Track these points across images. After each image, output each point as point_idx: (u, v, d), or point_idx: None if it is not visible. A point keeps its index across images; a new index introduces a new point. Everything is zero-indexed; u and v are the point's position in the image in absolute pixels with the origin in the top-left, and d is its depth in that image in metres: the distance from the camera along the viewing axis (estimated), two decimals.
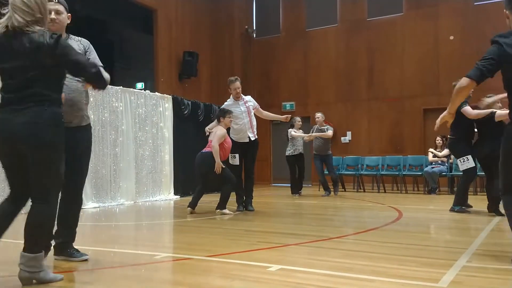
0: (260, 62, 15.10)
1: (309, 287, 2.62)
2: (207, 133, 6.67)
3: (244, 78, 14.81)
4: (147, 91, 9.46)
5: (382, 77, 13.13)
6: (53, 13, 3.13)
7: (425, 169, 10.32)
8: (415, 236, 4.46)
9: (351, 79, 13.51)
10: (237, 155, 6.70)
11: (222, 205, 6.38)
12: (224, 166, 6.32)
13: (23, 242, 2.66)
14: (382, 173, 11.12)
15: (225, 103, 6.95)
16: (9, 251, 4.05)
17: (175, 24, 12.60)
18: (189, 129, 10.16)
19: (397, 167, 11.17)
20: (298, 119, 10.20)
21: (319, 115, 10.12)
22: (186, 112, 10.19)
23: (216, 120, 6.66)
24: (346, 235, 4.42)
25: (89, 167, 3.98)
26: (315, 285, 2.67)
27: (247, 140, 6.80)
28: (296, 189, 9.95)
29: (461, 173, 6.36)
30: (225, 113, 6.48)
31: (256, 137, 6.99)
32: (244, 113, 6.83)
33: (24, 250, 2.64)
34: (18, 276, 2.66)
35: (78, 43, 3.35)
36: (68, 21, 3.30)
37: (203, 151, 6.49)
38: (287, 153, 9.90)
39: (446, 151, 10.21)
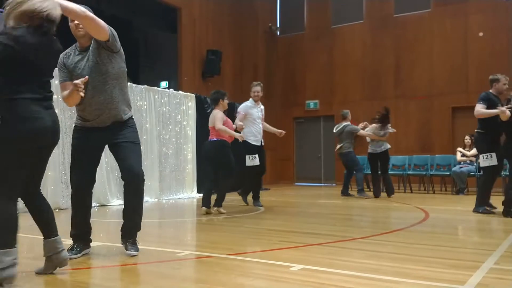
0: (284, 60, 15.05)
1: (332, 287, 2.58)
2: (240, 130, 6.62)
3: (268, 76, 14.81)
4: (170, 89, 9.54)
5: (410, 74, 12.91)
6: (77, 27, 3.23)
7: (453, 169, 10.09)
8: (442, 237, 4.36)
9: (378, 77, 13.33)
10: (257, 156, 6.83)
11: (219, 202, 6.33)
12: (231, 159, 6.30)
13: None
14: (408, 172, 10.93)
15: (245, 103, 7.08)
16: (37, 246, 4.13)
17: (198, 22, 12.67)
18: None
19: (424, 166, 10.96)
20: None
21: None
22: (209, 110, 10.20)
23: (213, 103, 6.51)
24: (371, 236, 4.35)
25: (114, 165, 4.16)
26: (338, 285, 2.62)
27: (259, 144, 6.96)
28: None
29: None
30: (224, 95, 6.43)
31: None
32: (259, 118, 7.03)
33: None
34: None
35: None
36: None
37: (211, 139, 6.33)
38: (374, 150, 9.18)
39: (475, 151, 9.96)
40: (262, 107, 7.25)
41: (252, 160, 6.77)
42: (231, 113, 10.71)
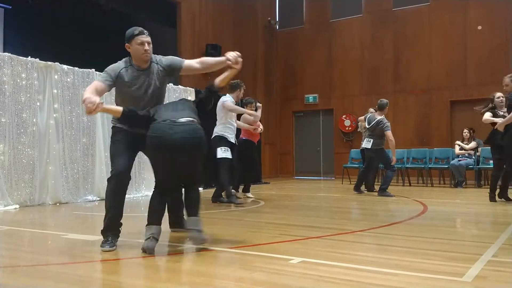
0: (283, 54, 15.03)
1: (331, 280, 2.60)
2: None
3: (267, 70, 14.79)
4: (170, 84, 9.52)
5: (409, 69, 12.90)
6: (146, 44, 3.55)
7: (452, 162, 10.12)
8: (440, 230, 4.38)
9: (377, 71, 13.32)
10: (229, 149, 6.87)
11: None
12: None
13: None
14: (407, 166, 10.95)
15: (229, 99, 6.99)
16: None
17: (198, 17, 12.64)
18: (211, 122, 10.16)
19: (423, 160, 10.99)
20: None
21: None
22: None
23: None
24: (370, 229, 4.38)
25: None
26: (337, 278, 2.64)
27: (234, 141, 6.97)
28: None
29: (489, 166, 6.25)
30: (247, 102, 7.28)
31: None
32: (235, 117, 7.10)
33: (190, 215, 3.46)
34: (189, 236, 3.50)
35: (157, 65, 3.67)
36: None
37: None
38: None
39: (473, 144, 9.99)
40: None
41: (225, 152, 6.93)
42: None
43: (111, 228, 3.53)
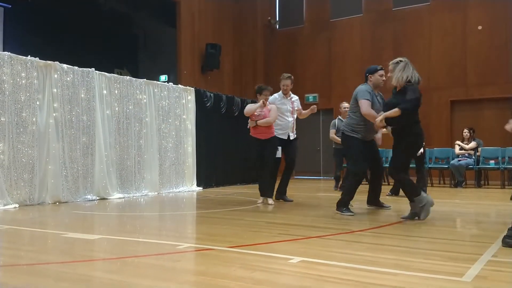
0: (283, 53, 15.02)
1: (331, 279, 2.61)
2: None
3: (267, 70, 14.79)
4: (170, 83, 9.52)
5: None
6: (383, 76, 5.70)
7: (452, 162, 10.12)
8: (440, 230, 4.39)
9: None
10: (279, 148, 6.80)
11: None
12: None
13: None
14: None
15: (274, 95, 6.96)
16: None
17: (197, 16, 12.64)
18: (211, 121, 10.20)
19: None
20: None
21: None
22: (208, 104, 10.22)
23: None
24: (369, 229, 4.38)
25: (114, 158, 4.24)
26: (336, 277, 2.65)
27: (286, 138, 6.91)
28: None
29: (489, 166, 6.23)
30: (262, 90, 6.59)
31: (296, 136, 7.07)
32: (288, 112, 6.92)
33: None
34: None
35: None
36: None
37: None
38: None
39: (473, 144, 9.99)
40: (294, 98, 7.06)
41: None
42: (230, 107, 10.74)
43: (347, 204, 5.46)
